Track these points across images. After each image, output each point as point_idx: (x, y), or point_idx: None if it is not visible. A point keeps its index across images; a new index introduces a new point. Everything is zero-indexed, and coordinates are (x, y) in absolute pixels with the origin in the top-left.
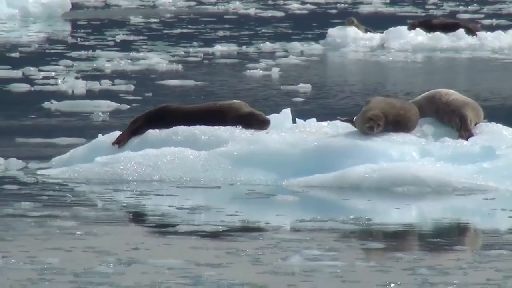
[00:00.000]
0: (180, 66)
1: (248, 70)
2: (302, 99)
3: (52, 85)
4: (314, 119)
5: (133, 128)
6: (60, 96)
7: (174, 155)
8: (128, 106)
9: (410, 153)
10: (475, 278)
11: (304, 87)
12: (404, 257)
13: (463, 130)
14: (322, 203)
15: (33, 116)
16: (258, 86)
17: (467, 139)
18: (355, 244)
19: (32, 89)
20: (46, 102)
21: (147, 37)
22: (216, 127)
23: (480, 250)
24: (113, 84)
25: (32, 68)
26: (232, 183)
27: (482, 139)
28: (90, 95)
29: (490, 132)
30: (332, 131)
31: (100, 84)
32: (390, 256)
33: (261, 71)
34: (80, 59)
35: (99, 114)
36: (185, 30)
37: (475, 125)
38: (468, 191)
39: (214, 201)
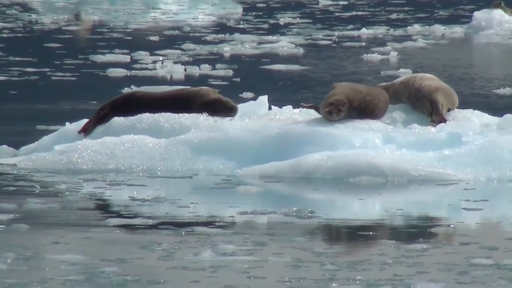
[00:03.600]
0: (301, 50)
1: (365, 54)
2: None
3: (150, 70)
4: (290, 106)
5: (100, 116)
6: (155, 81)
7: (132, 143)
8: None
9: (373, 140)
10: (385, 273)
11: (404, 72)
12: (326, 252)
13: (434, 115)
14: (273, 193)
15: (95, 102)
16: (361, 71)
17: (438, 124)
18: (280, 238)
19: (129, 73)
20: (125, 88)
21: (311, 20)
22: (181, 114)
23: (410, 244)
24: (213, 69)
25: (143, 52)
26: (189, 171)
27: (450, 125)
28: (188, 79)
29: (462, 119)
30: (302, 119)
31: (199, 69)
32: (312, 250)
33: (379, 55)
34: (211, 42)
35: None
36: (359, 13)
37: (448, 111)
38: (424, 179)
39: (164, 191)
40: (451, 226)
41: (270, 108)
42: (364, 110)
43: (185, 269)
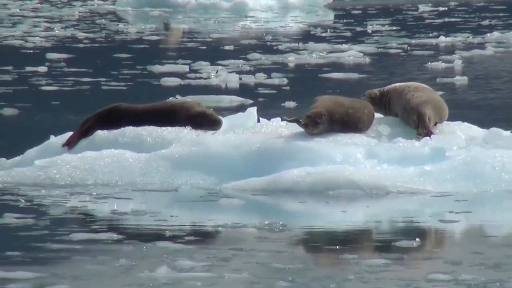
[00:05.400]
0: (367, 59)
1: (429, 63)
2: (441, 93)
3: (205, 79)
4: (279, 119)
5: (84, 129)
6: (207, 90)
7: (112, 158)
8: (251, 101)
9: (355, 155)
10: None
11: (460, 79)
12: (287, 268)
13: (421, 128)
14: (253, 207)
15: None
16: (419, 78)
17: (424, 137)
18: (244, 253)
19: (182, 83)
20: (170, 98)
21: (399, 28)
22: (164, 128)
23: (374, 259)
24: (268, 78)
25: (204, 63)
26: (169, 186)
27: (435, 139)
28: (243, 88)
29: (448, 132)
30: (287, 132)
31: (255, 77)
32: (272, 266)
33: (443, 64)
34: (281, 51)
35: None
36: (452, 19)
37: (435, 124)
38: (402, 195)
39: (143, 204)
40: (417, 240)
41: (259, 120)
42: (346, 123)
43: (140, 285)
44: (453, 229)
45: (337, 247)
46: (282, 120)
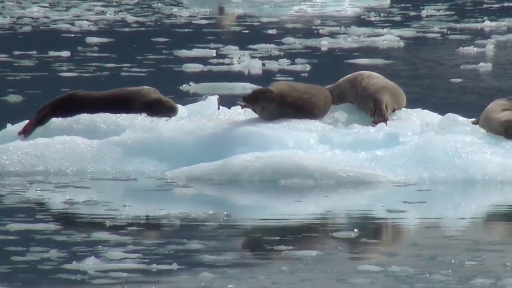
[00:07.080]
0: (402, 44)
1: (461, 48)
2: (459, 80)
3: (227, 65)
4: (239, 106)
5: (40, 117)
6: (228, 76)
7: (64, 144)
8: None
9: (307, 140)
10: (263, 282)
11: (484, 66)
12: (221, 259)
13: (377, 115)
14: (200, 197)
15: None
16: (444, 63)
17: (382, 122)
18: (178, 244)
19: (204, 69)
20: (184, 85)
21: (454, 12)
22: (118, 115)
23: (308, 250)
24: (291, 64)
25: (232, 47)
26: (120, 173)
27: (390, 125)
28: (265, 75)
29: (405, 119)
30: (244, 119)
31: (278, 63)
32: (204, 258)
33: (475, 48)
34: (318, 35)
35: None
36: (511, 4)
37: (393, 111)
38: (353, 181)
39: (90, 195)
40: (355, 231)
41: (219, 108)
42: (300, 108)
43: (66, 277)
44: (398, 219)
45: (277, 237)
46: (241, 107)
